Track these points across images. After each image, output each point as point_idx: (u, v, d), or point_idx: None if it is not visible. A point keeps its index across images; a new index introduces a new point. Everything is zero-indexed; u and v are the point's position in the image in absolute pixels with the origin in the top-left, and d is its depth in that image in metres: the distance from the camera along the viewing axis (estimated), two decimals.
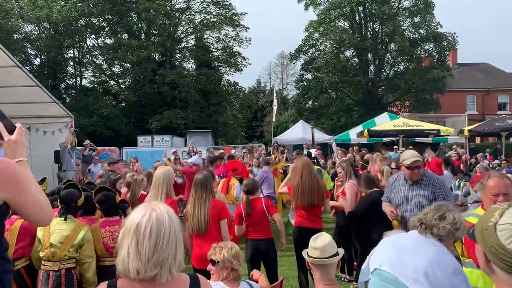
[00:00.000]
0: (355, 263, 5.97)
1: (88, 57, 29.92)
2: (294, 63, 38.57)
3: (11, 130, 1.90)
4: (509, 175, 8.19)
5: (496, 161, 13.07)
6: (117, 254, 1.59)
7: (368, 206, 5.18)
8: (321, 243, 2.75)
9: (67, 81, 30.67)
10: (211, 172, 5.28)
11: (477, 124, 15.25)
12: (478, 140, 24.06)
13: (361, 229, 5.31)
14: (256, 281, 3.23)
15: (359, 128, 18.92)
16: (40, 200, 1.83)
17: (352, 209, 5.45)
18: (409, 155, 4.18)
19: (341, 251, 2.81)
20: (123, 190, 5.57)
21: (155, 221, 1.53)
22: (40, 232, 3.73)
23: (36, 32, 27.82)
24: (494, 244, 1.35)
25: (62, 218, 3.74)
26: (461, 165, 12.44)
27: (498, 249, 1.34)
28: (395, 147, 15.75)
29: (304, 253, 2.82)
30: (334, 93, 32.67)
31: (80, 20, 27.30)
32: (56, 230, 3.66)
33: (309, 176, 5.20)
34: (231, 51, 32.02)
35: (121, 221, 4.10)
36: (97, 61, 30.30)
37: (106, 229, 3.92)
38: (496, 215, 1.40)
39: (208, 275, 2.87)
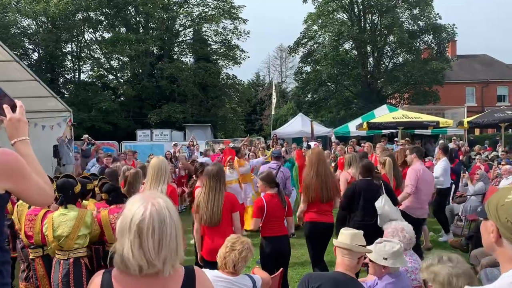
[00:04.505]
0: None
1: (86, 51, 29.84)
2: (293, 56, 38.44)
3: (12, 106, 1.87)
4: (507, 166, 8.20)
5: (495, 152, 13.08)
6: None
7: (348, 194, 5.06)
8: (354, 231, 2.86)
9: (65, 75, 30.62)
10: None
11: (477, 116, 15.20)
12: (477, 131, 24.05)
13: (346, 218, 5.24)
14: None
15: (358, 121, 18.88)
16: (40, 183, 1.84)
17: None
18: None
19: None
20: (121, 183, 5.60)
21: (157, 218, 1.51)
22: (45, 227, 3.84)
23: (33, 26, 27.70)
24: (510, 219, 1.43)
25: (63, 208, 3.84)
26: (461, 157, 12.43)
27: None
28: (395, 139, 15.71)
29: (337, 240, 2.84)
30: (333, 85, 32.56)
31: (78, 14, 27.17)
32: (61, 223, 3.75)
33: (325, 169, 5.07)
34: (230, 44, 31.90)
35: None
36: (95, 55, 30.22)
37: (114, 215, 4.03)
38: None
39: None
